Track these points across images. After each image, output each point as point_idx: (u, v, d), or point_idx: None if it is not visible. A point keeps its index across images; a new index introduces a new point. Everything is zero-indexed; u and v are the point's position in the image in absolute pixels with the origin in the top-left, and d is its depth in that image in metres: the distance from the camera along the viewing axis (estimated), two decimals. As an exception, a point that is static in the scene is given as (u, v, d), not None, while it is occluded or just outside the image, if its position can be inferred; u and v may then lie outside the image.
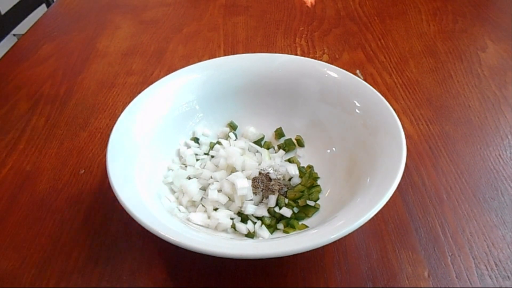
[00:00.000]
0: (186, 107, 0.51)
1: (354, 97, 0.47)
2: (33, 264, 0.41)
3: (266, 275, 0.39)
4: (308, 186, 0.45)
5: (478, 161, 0.50)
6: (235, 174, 0.44)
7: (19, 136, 0.56)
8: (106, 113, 0.60)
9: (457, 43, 0.72)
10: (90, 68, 0.70)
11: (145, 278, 0.40)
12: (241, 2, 0.90)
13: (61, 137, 0.56)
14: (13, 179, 0.50)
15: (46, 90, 0.65)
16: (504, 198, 0.46)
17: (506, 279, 0.38)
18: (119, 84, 0.66)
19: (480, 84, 0.63)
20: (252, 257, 0.34)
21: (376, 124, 0.44)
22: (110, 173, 0.38)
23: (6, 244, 0.43)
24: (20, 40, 0.80)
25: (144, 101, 0.47)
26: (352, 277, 0.39)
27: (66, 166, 0.52)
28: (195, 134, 0.51)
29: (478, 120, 0.56)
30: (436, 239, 0.42)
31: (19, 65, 0.72)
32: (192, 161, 0.48)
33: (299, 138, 0.51)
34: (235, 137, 0.52)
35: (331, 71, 0.50)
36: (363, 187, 0.40)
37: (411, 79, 0.64)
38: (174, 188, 0.45)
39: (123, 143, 0.42)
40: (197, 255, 0.32)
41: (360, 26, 0.79)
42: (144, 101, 0.47)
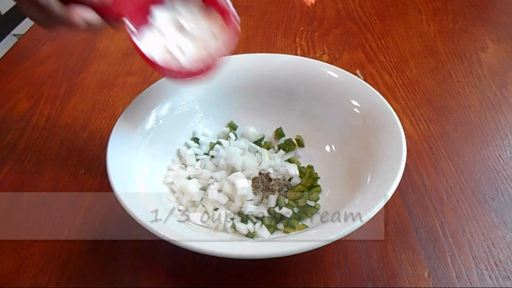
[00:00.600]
0: (186, 107, 0.51)
1: (354, 97, 0.47)
2: (33, 264, 0.41)
3: (266, 275, 0.39)
4: (308, 186, 0.45)
5: (478, 161, 0.50)
6: (235, 174, 0.44)
7: (19, 136, 0.56)
8: (106, 113, 0.60)
9: (457, 43, 0.72)
10: (90, 68, 0.70)
11: (145, 278, 0.40)
12: (241, 2, 0.90)
13: (61, 137, 0.56)
14: (13, 179, 0.50)
15: (46, 90, 0.65)
16: (504, 198, 0.46)
17: (506, 279, 0.38)
18: (119, 84, 0.66)
19: (480, 84, 0.63)
20: (252, 257, 0.34)
21: (376, 124, 0.44)
22: (110, 173, 0.38)
23: (6, 244, 0.43)
24: (20, 40, 0.80)
25: (144, 101, 0.47)
26: (352, 277, 0.39)
27: (66, 166, 0.52)
28: (195, 134, 0.51)
29: (478, 120, 0.56)
30: (436, 239, 0.42)
31: (19, 65, 0.72)
32: (192, 161, 0.48)
33: (299, 138, 0.51)
34: (235, 137, 0.52)
35: (331, 71, 0.50)
36: (363, 187, 0.40)
37: (411, 79, 0.64)
38: (174, 188, 0.45)
39: (123, 143, 0.42)
40: (197, 255, 0.32)
41: (360, 26, 0.79)
42: (144, 101, 0.47)
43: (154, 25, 0.40)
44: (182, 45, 0.40)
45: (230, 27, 0.40)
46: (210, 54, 0.40)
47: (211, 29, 0.41)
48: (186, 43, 0.40)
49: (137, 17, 0.38)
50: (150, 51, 0.39)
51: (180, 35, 0.41)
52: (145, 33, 0.40)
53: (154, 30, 0.40)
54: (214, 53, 0.40)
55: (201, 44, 0.40)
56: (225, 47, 0.40)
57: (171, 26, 0.41)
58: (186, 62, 0.39)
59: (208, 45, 0.40)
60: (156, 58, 0.39)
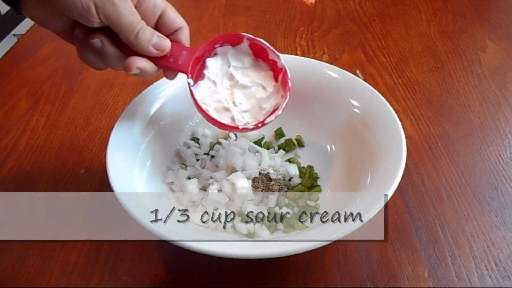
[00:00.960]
0: (186, 107, 0.51)
1: (354, 97, 0.47)
2: (33, 264, 0.41)
3: (266, 275, 0.39)
4: (308, 186, 0.45)
5: (478, 161, 0.50)
6: (235, 174, 0.44)
7: (19, 136, 0.56)
8: (106, 113, 0.60)
9: (457, 43, 0.72)
10: (90, 68, 0.69)
11: (145, 278, 0.40)
12: (241, 2, 0.90)
13: (61, 137, 0.56)
14: (13, 179, 0.50)
15: (46, 90, 0.65)
16: (504, 198, 0.46)
17: (506, 279, 0.38)
18: (119, 84, 0.66)
19: (480, 84, 0.63)
20: (252, 257, 0.34)
21: (376, 124, 0.44)
22: (110, 173, 0.38)
23: (6, 244, 0.43)
24: (20, 40, 0.80)
25: (144, 101, 0.47)
26: (352, 277, 0.39)
27: (66, 166, 0.52)
28: (195, 134, 0.51)
29: (478, 120, 0.56)
30: (436, 239, 0.42)
31: (19, 65, 0.72)
32: (192, 161, 0.48)
33: (299, 138, 0.51)
34: (235, 137, 0.52)
35: (331, 71, 0.50)
36: (363, 187, 0.40)
37: (411, 79, 0.64)
38: (174, 188, 0.45)
39: (123, 143, 0.42)
40: (197, 255, 0.32)
41: (360, 26, 0.79)
42: (144, 101, 0.47)
43: (208, 76, 0.41)
44: (235, 97, 0.41)
45: (282, 81, 0.41)
46: (261, 107, 0.41)
47: (261, 81, 0.42)
48: (238, 95, 0.41)
49: (192, 68, 0.39)
50: (205, 101, 0.40)
51: (233, 87, 0.42)
52: (199, 84, 0.41)
53: (208, 81, 0.41)
54: (265, 108, 0.41)
55: (253, 97, 0.41)
56: (276, 102, 0.41)
57: (224, 77, 0.42)
58: (239, 115, 0.40)
59: (259, 99, 0.41)
60: (210, 110, 0.40)
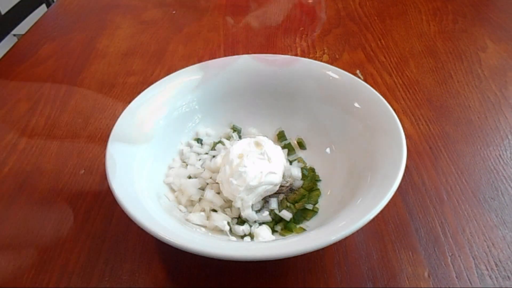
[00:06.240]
0: (186, 107, 0.51)
1: (354, 97, 0.47)
2: (33, 264, 0.41)
3: (266, 275, 0.39)
4: (308, 190, 0.45)
5: (478, 161, 0.50)
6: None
7: (19, 136, 0.56)
8: (106, 113, 0.60)
9: (457, 43, 0.72)
10: (90, 68, 0.70)
11: (145, 278, 0.40)
12: (241, 2, 0.90)
13: (61, 137, 0.56)
14: (13, 179, 0.50)
15: (46, 90, 0.65)
16: (504, 198, 0.46)
17: (506, 279, 0.38)
18: (119, 84, 0.66)
19: (480, 84, 0.63)
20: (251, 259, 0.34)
21: (376, 124, 0.44)
22: (110, 174, 0.38)
23: (6, 244, 0.43)
24: (20, 40, 0.80)
25: (144, 101, 0.47)
26: (352, 277, 0.39)
27: (66, 166, 0.52)
28: (199, 135, 0.51)
29: (478, 120, 0.56)
30: (436, 239, 0.42)
31: (19, 65, 0.72)
32: (193, 160, 0.48)
33: (300, 141, 0.51)
34: (238, 137, 0.51)
35: (331, 72, 0.50)
36: (363, 188, 0.40)
37: (411, 79, 0.64)
38: (174, 187, 0.45)
39: (123, 143, 0.42)
40: (196, 256, 0.32)
41: (360, 26, 0.79)
42: (144, 101, 0.47)
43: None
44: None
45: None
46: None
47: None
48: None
49: None
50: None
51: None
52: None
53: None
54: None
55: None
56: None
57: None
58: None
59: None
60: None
